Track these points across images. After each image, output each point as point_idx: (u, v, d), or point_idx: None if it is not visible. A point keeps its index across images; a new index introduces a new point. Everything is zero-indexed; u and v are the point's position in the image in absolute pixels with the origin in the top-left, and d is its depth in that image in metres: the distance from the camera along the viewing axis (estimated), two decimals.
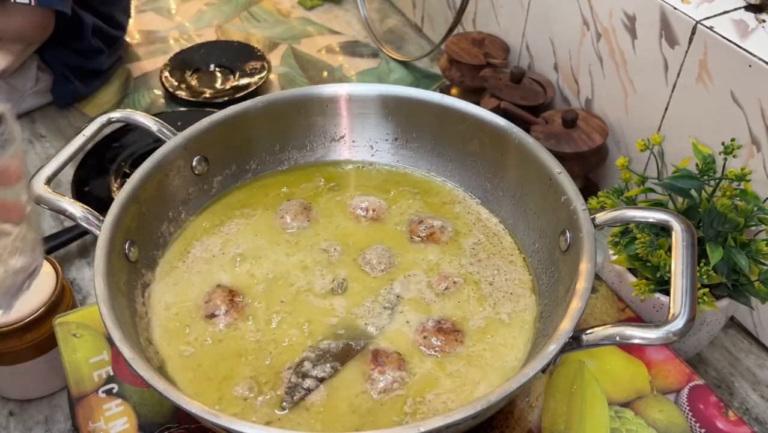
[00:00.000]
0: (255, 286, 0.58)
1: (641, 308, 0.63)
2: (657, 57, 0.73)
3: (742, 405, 0.67)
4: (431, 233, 0.62)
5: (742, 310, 0.73)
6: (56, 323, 0.59)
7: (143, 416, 0.54)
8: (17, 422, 0.65)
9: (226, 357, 0.53)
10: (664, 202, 0.65)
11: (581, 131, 0.80)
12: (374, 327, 0.55)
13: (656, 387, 0.56)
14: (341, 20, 1.23)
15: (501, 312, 0.57)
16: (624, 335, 0.46)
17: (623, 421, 0.54)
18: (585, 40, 0.82)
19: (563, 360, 0.57)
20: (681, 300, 0.46)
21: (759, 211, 0.59)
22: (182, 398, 0.43)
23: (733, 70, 0.65)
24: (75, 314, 0.60)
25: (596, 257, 0.51)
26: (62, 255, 0.80)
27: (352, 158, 0.69)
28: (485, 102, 0.88)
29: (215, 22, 1.22)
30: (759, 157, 0.65)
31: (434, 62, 1.12)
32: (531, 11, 0.91)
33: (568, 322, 0.46)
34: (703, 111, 0.70)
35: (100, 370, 0.56)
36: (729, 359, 0.71)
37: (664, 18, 0.70)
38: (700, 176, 0.62)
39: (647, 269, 0.62)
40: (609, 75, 0.80)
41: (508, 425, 0.54)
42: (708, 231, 0.60)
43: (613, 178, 0.85)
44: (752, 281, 0.60)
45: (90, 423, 0.53)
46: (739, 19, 0.67)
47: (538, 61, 0.93)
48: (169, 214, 0.61)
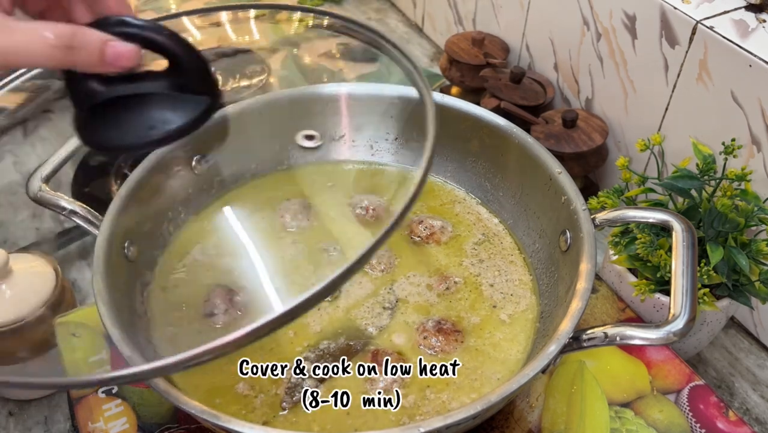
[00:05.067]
0: (254, 285, 0.58)
1: (641, 308, 0.63)
2: (657, 57, 0.73)
3: (742, 405, 0.67)
4: (431, 233, 0.62)
5: (743, 310, 0.73)
6: (56, 323, 0.59)
7: (143, 417, 0.54)
8: (17, 423, 0.65)
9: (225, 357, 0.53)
10: (665, 203, 0.65)
11: (581, 131, 0.80)
12: (374, 327, 0.55)
13: (656, 387, 0.56)
14: None
15: (501, 312, 0.57)
16: (624, 336, 0.46)
17: (623, 421, 0.54)
18: (585, 40, 0.82)
19: (563, 360, 0.57)
20: (681, 300, 0.46)
21: (759, 211, 0.59)
22: (182, 398, 0.43)
23: (733, 70, 0.65)
24: (74, 313, 0.60)
25: (596, 257, 0.51)
26: (62, 256, 0.80)
27: (352, 158, 0.69)
28: (485, 102, 0.88)
29: None
30: (759, 157, 0.65)
31: (434, 62, 1.12)
32: (531, 11, 0.91)
33: (568, 322, 0.46)
34: (703, 111, 0.70)
35: (99, 370, 0.56)
36: (729, 359, 0.71)
37: (664, 18, 0.70)
38: (701, 176, 0.62)
39: (647, 269, 0.62)
40: (609, 75, 0.80)
41: (508, 426, 0.54)
42: (708, 231, 0.60)
43: (613, 179, 0.85)
44: (752, 281, 0.60)
45: (90, 423, 0.53)
46: (740, 19, 0.67)
47: (538, 61, 0.93)
48: (168, 214, 0.61)
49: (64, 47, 0.37)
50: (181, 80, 0.42)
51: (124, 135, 0.42)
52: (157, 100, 0.42)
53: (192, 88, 0.42)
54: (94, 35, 0.38)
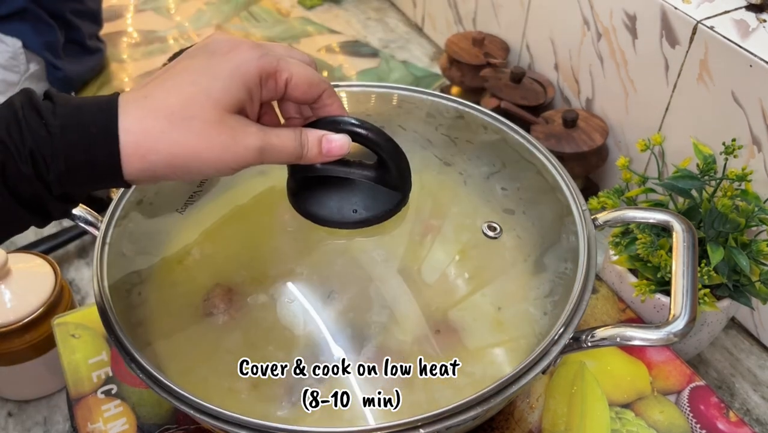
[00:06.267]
0: (254, 285, 0.58)
1: (642, 308, 0.63)
2: (658, 57, 0.73)
3: (742, 406, 0.67)
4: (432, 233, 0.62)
5: (743, 311, 0.73)
6: (55, 324, 0.59)
7: (142, 417, 0.54)
8: (16, 423, 0.65)
9: (224, 357, 0.53)
10: (665, 203, 0.64)
11: (581, 131, 0.80)
12: (376, 326, 0.55)
13: (657, 388, 0.56)
14: (341, 20, 1.23)
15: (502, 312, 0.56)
16: (624, 336, 0.46)
17: (624, 422, 0.54)
18: (585, 39, 0.82)
19: (563, 361, 0.57)
20: (682, 301, 0.46)
21: (760, 212, 0.59)
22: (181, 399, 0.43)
23: (733, 70, 0.65)
24: (74, 314, 0.60)
25: (597, 257, 0.51)
26: (61, 255, 0.80)
27: None
28: (485, 102, 0.88)
29: (215, 21, 1.22)
30: (760, 158, 0.65)
31: (434, 62, 1.12)
32: (531, 11, 0.91)
33: None
34: (703, 111, 0.70)
35: (98, 370, 0.56)
36: (730, 359, 0.71)
37: (664, 18, 0.70)
38: (701, 176, 0.62)
39: (648, 270, 0.62)
40: (609, 75, 0.80)
41: (509, 426, 0.53)
42: (709, 231, 0.60)
43: (613, 179, 0.85)
44: (753, 281, 0.60)
45: (89, 424, 0.53)
46: (740, 19, 0.67)
47: (538, 61, 0.93)
48: (168, 214, 0.61)
49: (299, 146, 0.44)
50: (386, 175, 0.48)
51: (331, 211, 0.50)
52: (363, 187, 0.49)
53: (392, 183, 0.49)
54: (314, 132, 0.45)
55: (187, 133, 0.40)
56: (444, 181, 0.61)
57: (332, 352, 0.53)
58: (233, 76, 0.41)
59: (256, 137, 0.42)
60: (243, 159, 0.42)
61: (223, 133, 0.40)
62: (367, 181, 0.49)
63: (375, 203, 0.49)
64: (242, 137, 0.41)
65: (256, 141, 0.42)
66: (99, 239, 0.52)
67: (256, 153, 0.42)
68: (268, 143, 0.42)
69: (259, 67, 0.42)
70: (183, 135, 0.40)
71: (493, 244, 0.62)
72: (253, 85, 0.42)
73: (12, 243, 0.79)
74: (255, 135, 0.42)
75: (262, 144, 0.42)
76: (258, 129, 0.42)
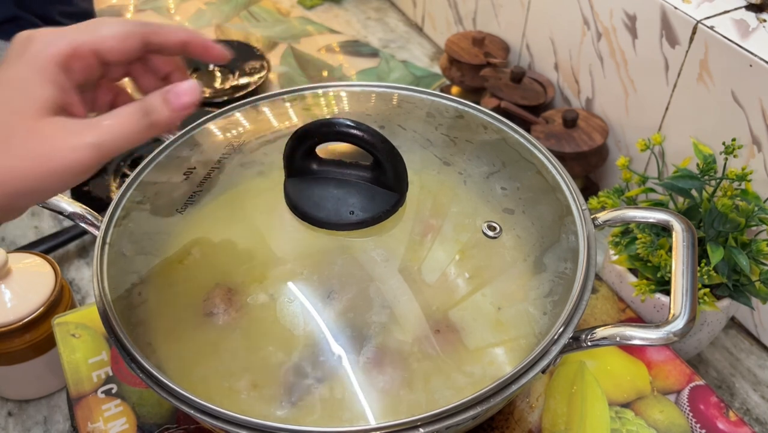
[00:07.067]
0: (254, 284, 0.58)
1: (642, 308, 0.63)
2: (658, 57, 0.73)
3: (742, 406, 0.67)
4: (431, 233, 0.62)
5: (743, 310, 0.73)
6: (55, 323, 0.59)
7: (142, 417, 0.54)
8: (16, 423, 0.65)
9: (224, 356, 0.53)
10: (665, 202, 0.64)
11: (581, 131, 0.80)
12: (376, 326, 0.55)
13: (657, 388, 0.56)
14: (341, 20, 1.23)
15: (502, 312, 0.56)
16: (624, 336, 0.46)
17: (624, 421, 0.54)
18: (585, 39, 0.82)
19: (563, 361, 0.57)
20: (681, 300, 0.46)
21: (760, 211, 0.59)
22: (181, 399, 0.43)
23: (733, 70, 0.65)
24: (74, 314, 0.60)
25: (596, 257, 0.51)
26: (61, 255, 0.80)
27: None
28: (485, 102, 0.88)
29: (214, 21, 1.22)
30: (760, 157, 0.65)
31: (434, 62, 1.12)
32: (531, 11, 0.91)
33: None
34: (703, 111, 0.70)
35: (99, 370, 0.56)
36: (730, 359, 0.71)
37: (664, 18, 0.70)
38: (701, 176, 0.62)
39: (648, 269, 0.62)
40: (609, 75, 0.80)
41: (508, 426, 0.54)
42: (709, 231, 0.60)
43: (613, 178, 0.85)
44: (753, 281, 0.60)
45: (89, 423, 0.53)
46: (740, 19, 0.67)
47: (538, 60, 0.93)
48: (168, 214, 0.61)
49: (143, 114, 0.39)
50: (382, 175, 0.49)
51: (328, 213, 0.50)
52: (359, 188, 0.49)
53: (389, 184, 0.49)
54: (156, 92, 0.40)
55: (12, 158, 0.36)
56: (444, 180, 0.61)
57: (332, 352, 0.53)
58: (29, 78, 0.37)
59: (81, 134, 0.37)
60: (78, 162, 0.36)
61: (40, 144, 0.36)
62: (364, 183, 0.49)
63: (372, 204, 0.50)
64: (62, 140, 0.36)
65: (83, 137, 0.37)
66: (99, 239, 0.52)
67: (90, 149, 0.37)
68: (100, 132, 0.37)
69: (51, 55, 0.38)
70: (8, 161, 0.36)
71: (493, 243, 0.62)
72: (54, 76, 0.38)
73: (12, 243, 0.79)
74: (79, 132, 0.37)
75: (92, 137, 0.37)
76: (82, 123, 0.37)
